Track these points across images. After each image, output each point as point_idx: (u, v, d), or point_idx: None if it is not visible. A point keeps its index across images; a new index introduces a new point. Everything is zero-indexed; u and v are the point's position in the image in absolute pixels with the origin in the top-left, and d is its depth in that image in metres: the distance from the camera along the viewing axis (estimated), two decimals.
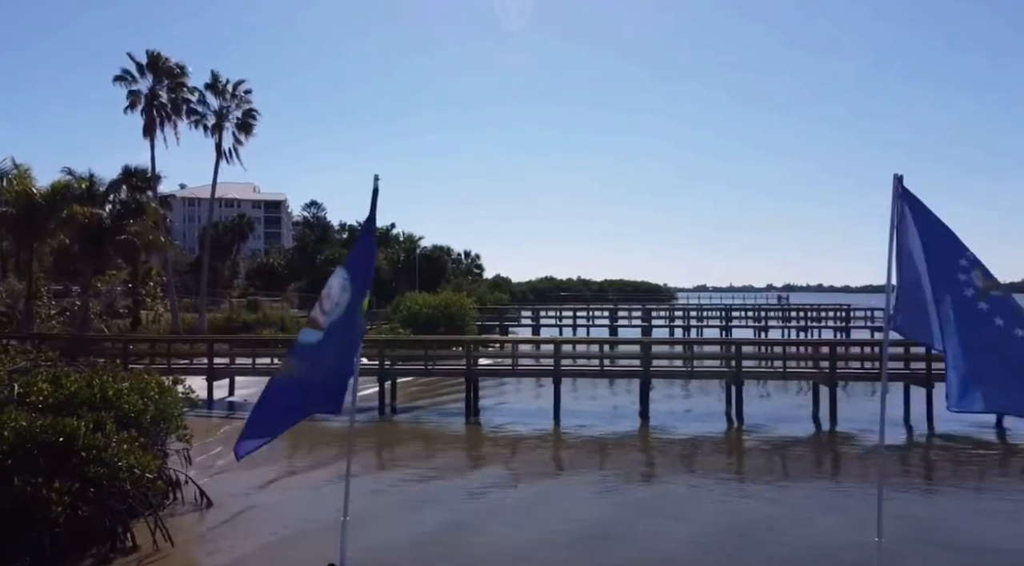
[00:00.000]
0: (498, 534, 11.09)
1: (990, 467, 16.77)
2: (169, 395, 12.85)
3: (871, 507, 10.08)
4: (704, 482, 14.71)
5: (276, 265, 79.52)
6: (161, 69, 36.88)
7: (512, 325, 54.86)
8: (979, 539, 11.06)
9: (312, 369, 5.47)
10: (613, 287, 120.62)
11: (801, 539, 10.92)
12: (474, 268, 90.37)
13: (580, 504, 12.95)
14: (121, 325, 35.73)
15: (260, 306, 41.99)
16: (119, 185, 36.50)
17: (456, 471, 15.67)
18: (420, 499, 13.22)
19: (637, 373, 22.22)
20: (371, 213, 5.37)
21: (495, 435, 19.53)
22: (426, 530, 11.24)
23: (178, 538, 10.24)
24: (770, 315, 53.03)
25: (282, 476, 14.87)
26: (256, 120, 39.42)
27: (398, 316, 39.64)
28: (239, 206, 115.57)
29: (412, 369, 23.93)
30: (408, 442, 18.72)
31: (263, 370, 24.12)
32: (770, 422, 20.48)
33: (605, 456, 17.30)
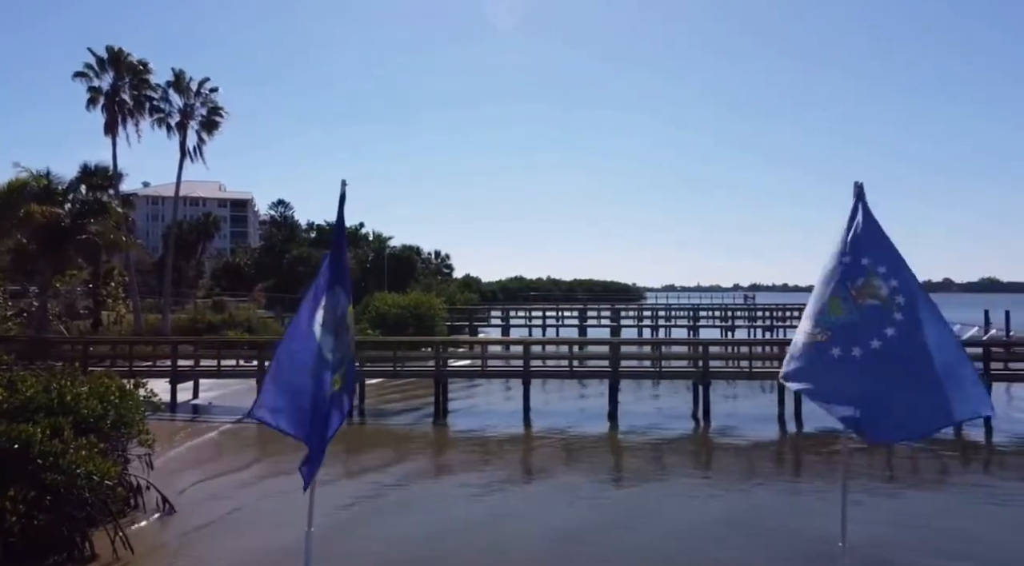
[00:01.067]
0: (465, 540, 11.03)
1: (954, 466, 17.14)
2: (130, 399, 12.55)
3: (834, 507, 10.24)
4: (670, 483, 14.83)
5: (243, 265, 78.35)
6: (123, 65, 36.03)
7: (482, 325, 54.77)
8: (945, 538, 11.22)
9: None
10: (582, 287, 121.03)
11: (765, 538, 11.05)
12: (444, 268, 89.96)
13: (548, 507, 12.95)
14: (81, 326, 34.91)
15: (226, 307, 41.31)
16: (79, 183, 35.70)
17: (423, 476, 15.58)
18: (386, 505, 13.09)
19: (606, 374, 22.33)
20: (339, 221, 5.23)
21: (464, 438, 19.46)
22: (392, 537, 11.13)
23: (139, 546, 10.02)
24: (737, 315, 53.75)
25: (249, 480, 14.66)
26: (222, 118, 38.81)
27: (367, 317, 39.34)
28: (204, 205, 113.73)
29: (380, 371, 23.73)
30: (375, 446, 18.55)
31: (228, 372, 23.80)
32: (737, 422, 20.71)
33: (573, 458, 17.31)
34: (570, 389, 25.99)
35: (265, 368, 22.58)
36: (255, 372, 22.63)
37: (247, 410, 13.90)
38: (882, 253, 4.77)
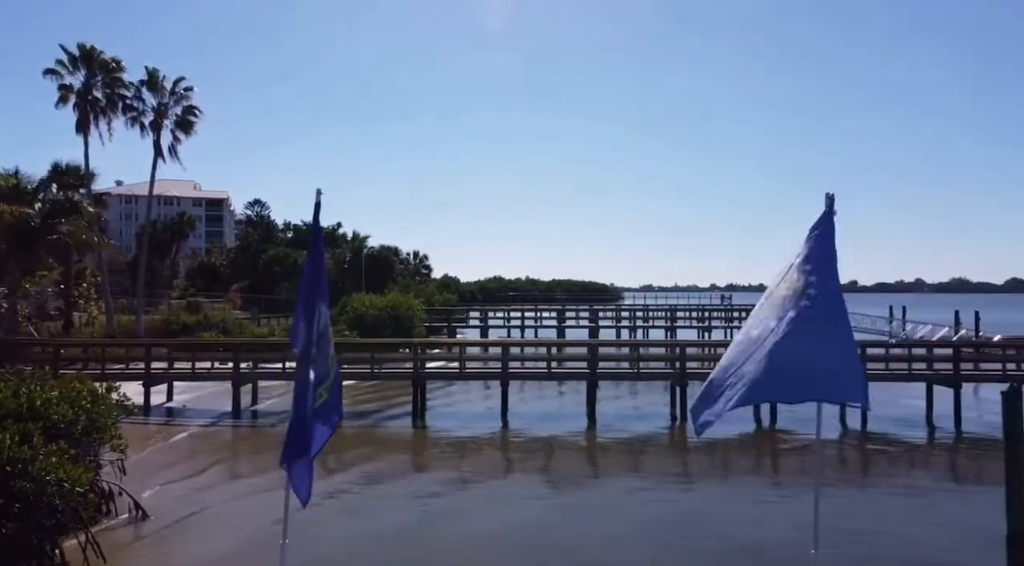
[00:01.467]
0: (441, 541, 11.00)
1: (919, 465, 17.41)
2: (102, 403, 12.36)
3: (805, 505, 10.34)
4: (645, 483, 14.90)
5: (218, 265, 77.46)
6: (95, 63, 35.38)
7: (460, 326, 54.63)
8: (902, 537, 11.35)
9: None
10: (561, 287, 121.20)
11: (736, 537, 11.14)
12: (422, 269, 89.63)
13: (523, 507, 12.96)
14: (52, 328, 34.27)
15: (201, 307, 40.77)
16: (50, 183, 35.00)
17: (400, 478, 15.51)
18: (361, 509, 13.01)
19: (584, 375, 22.38)
20: (315, 229, 5.16)
21: (442, 439, 19.40)
22: (367, 541, 11.06)
23: (111, 553, 9.86)
24: (713, 315, 54.17)
25: (221, 483, 14.50)
26: (197, 118, 38.24)
27: (344, 318, 39.08)
28: (179, 204, 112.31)
29: (357, 372, 23.59)
30: (352, 448, 18.42)
31: (203, 375, 23.51)
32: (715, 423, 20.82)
33: (551, 459, 17.34)
34: (550, 390, 26.04)
35: (240, 370, 22.45)
36: (230, 374, 22.39)
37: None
38: (820, 263, 4.86)
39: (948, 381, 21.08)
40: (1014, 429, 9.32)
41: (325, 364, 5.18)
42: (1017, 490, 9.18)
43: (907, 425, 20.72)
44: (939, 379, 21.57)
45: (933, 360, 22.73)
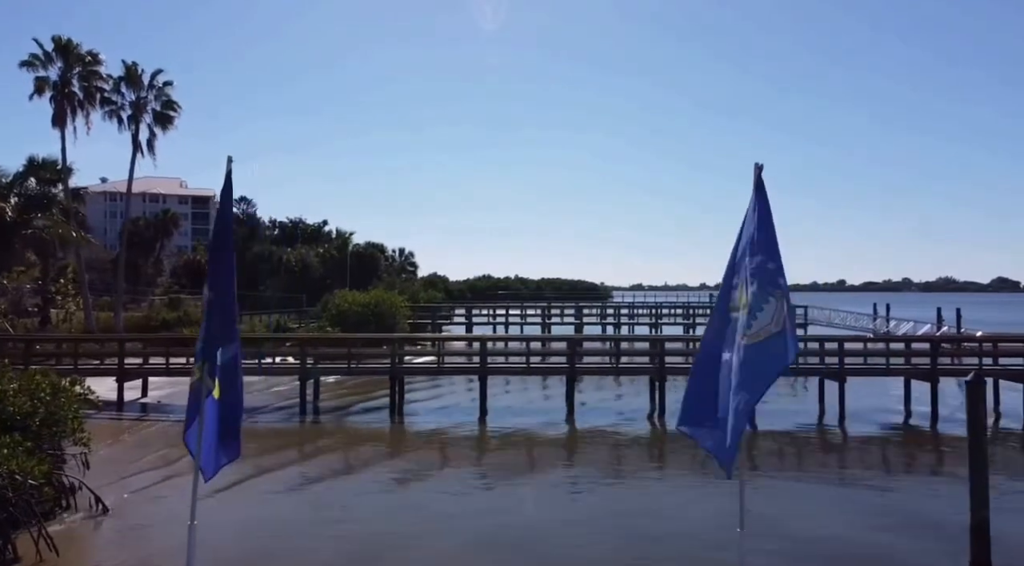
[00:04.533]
0: (399, 539, 10.85)
1: (890, 458, 17.39)
2: (63, 396, 12.16)
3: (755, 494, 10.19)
4: (625, 479, 14.82)
5: (204, 262, 76.81)
6: (72, 55, 34.93)
7: (445, 323, 54.48)
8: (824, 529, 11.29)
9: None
10: (550, 286, 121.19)
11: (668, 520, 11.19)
12: (407, 266, 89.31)
13: (500, 504, 12.86)
14: (29, 325, 33.83)
15: (181, 304, 40.36)
16: (25, 177, 34.48)
17: (371, 473, 15.32)
18: (325, 503, 12.83)
19: (563, 370, 22.29)
20: (225, 199, 5.00)
21: (418, 435, 19.26)
22: (329, 540, 10.89)
23: (66, 548, 9.65)
24: (698, 313, 54.29)
25: (187, 479, 14.23)
26: (176, 113, 37.82)
27: (327, 314, 38.80)
28: (165, 201, 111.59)
29: (335, 368, 23.40)
30: (324, 444, 18.28)
31: (177, 370, 23.20)
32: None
33: (530, 454, 17.23)
34: (533, 385, 25.94)
35: None
36: None
37: None
38: (765, 251, 4.87)
39: (925, 375, 21.10)
40: (976, 417, 9.28)
41: (204, 343, 5.05)
42: (979, 479, 9.14)
43: (885, 417, 20.79)
44: (917, 374, 21.62)
45: (911, 355, 22.79)
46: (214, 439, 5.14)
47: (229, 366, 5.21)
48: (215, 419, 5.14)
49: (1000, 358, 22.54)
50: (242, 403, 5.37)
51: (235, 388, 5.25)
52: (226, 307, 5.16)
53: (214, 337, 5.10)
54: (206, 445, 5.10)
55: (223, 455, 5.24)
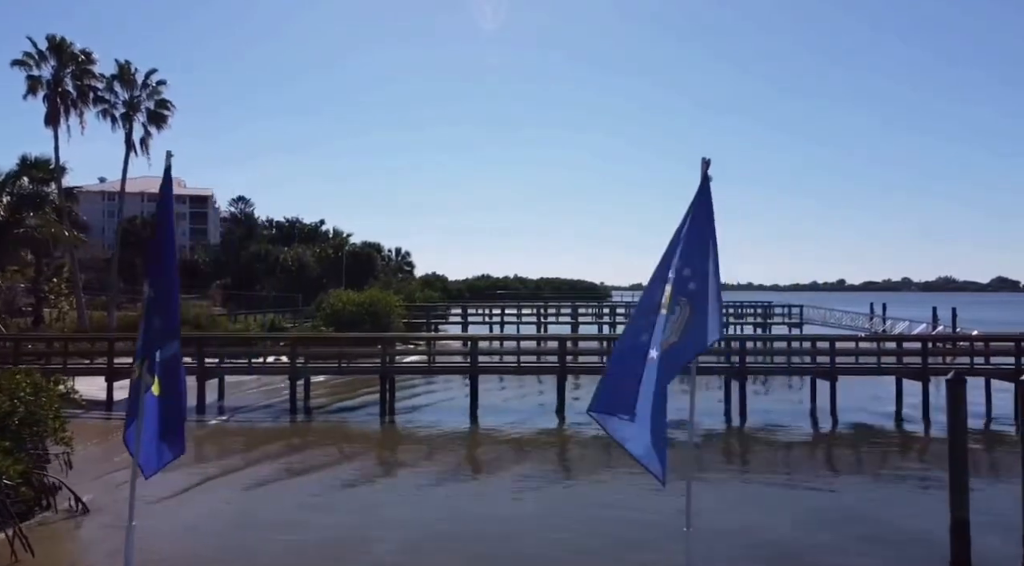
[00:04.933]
0: (375, 542, 10.81)
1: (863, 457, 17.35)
2: (44, 396, 12.11)
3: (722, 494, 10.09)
4: (612, 479, 14.77)
5: (201, 262, 76.76)
6: (65, 54, 34.86)
7: (441, 322, 54.45)
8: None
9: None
10: (549, 286, 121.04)
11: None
12: (404, 266, 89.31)
13: (486, 504, 12.83)
14: (21, 324, 33.77)
15: None
16: (18, 176, 34.41)
17: (351, 474, 15.30)
18: (305, 505, 12.78)
19: (554, 369, 22.24)
20: (164, 196, 4.94)
21: (409, 435, 19.26)
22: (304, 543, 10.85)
23: (42, 548, 9.60)
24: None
25: (171, 481, 14.09)
26: (170, 112, 37.76)
27: (321, 314, 38.75)
28: None
29: (326, 367, 23.36)
30: (318, 443, 18.25)
31: None
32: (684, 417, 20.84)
33: (521, 454, 17.18)
34: (530, 384, 25.89)
35: (205, 364, 22.16)
36: (195, 368, 22.06)
37: None
38: (696, 249, 4.87)
39: (916, 375, 21.06)
40: (957, 416, 9.24)
41: (144, 340, 5.01)
42: (959, 477, 9.09)
43: (877, 417, 20.75)
44: (908, 373, 21.57)
45: (902, 354, 22.75)
46: (155, 436, 5.12)
47: (170, 363, 5.16)
48: (156, 416, 5.11)
49: (992, 357, 22.46)
50: (184, 400, 5.34)
51: (176, 385, 5.21)
52: (167, 304, 5.11)
53: (154, 334, 5.05)
54: (146, 443, 5.08)
55: (167, 452, 5.22)
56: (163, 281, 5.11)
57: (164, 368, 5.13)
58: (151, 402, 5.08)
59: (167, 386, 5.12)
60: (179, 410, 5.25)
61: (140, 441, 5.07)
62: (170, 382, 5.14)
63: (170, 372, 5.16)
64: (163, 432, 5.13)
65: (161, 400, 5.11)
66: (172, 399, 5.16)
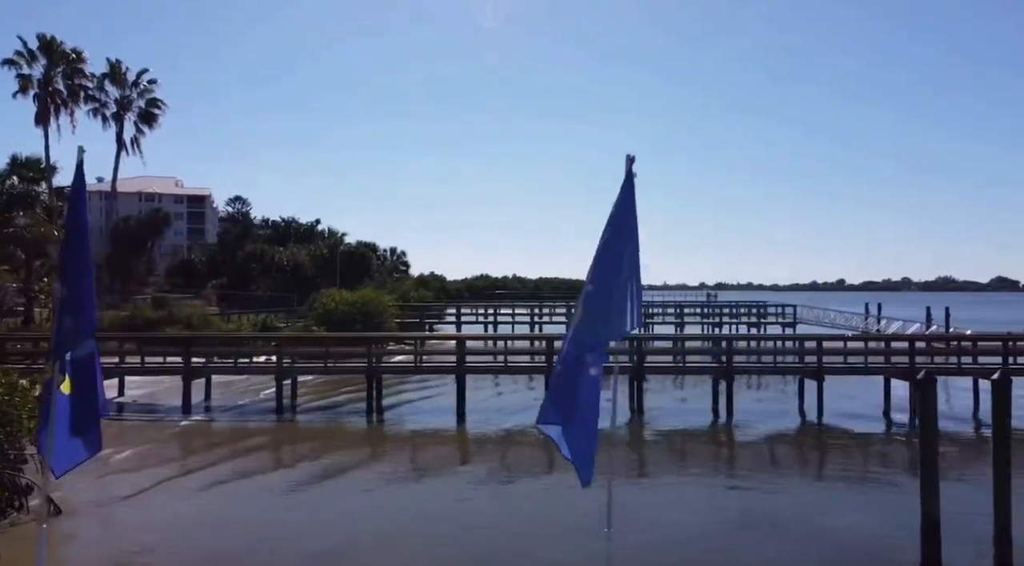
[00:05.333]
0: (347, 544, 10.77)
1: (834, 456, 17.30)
2: (18, 395, 12.04)
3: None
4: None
5: (197, 261, 76.71)
6: (55, 54, 34.85)
7: (436, 322, 54.42)
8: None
9: None
10: (548, 285, 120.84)
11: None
12: (400, 265, 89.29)
13: (459, 502, 12.78)
14: (11, 324, 33.71)
15: (167, 303, 40.28)
16: (9, 175, 34.33)
17: (351, 470, 15.26)
18: (285, 505, 12.74)
19: (541, 369, 22.18)
20: (76, 192, 4.88)
21: (395, 434, 19.27)
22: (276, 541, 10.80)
23: (9, 550, 9.55)
24: (686, 312, 54.33)
25: (146, 482, 14.06)
26: (161, 111, 37.78)
27: (313, 314, 38.70)
28: (160, 201, 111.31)
29: (312, 367, 23.31)
30: (293, 444, 18.24)
31: (153, 369, 23.11)
32: (664, 415, 20.86)
33: (505, 452, 17.18)
34: (520, 384, 25.85)
35: (192, 364, 22.12)
36: (181, 368, 22.03)
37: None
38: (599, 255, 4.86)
39: (904, 374, 21.01)
40: (927, 416, 9.19)
41: (56, 340, 4.95)
42: (930, 477, 9.04)
43: (862, 418, 20.70)
44: (896, 372, 21.54)
45: (891, 354, 22.71)
46: (66, 436, 5.06)
47: (84, 362, 5.11)
48: (67, 416, 5.06)
49: (980, 357, 22.42)
50: (100, 398, 5.27)
51: (90, 384, 5.15)
52: (80, 302, 5.03)
53: (66, 334, 4.99)
54: (57, 442, 5.02)
55: (80, 451, 5.17)
56: (76, 279, 5.04)
57: (77, 367, 5.08)
58: (62, 401, 5.03)
59: (80, 385, 5.07)
60: (93, 409, 5.19)
61: (51, 440, 5.01)
62: (83, 381, 5.09)
63: (83, 371, 5.10)
64: (75, 431, 5.08)
65: (73, 399, 5.06)
66: (85, 399, 5.10)
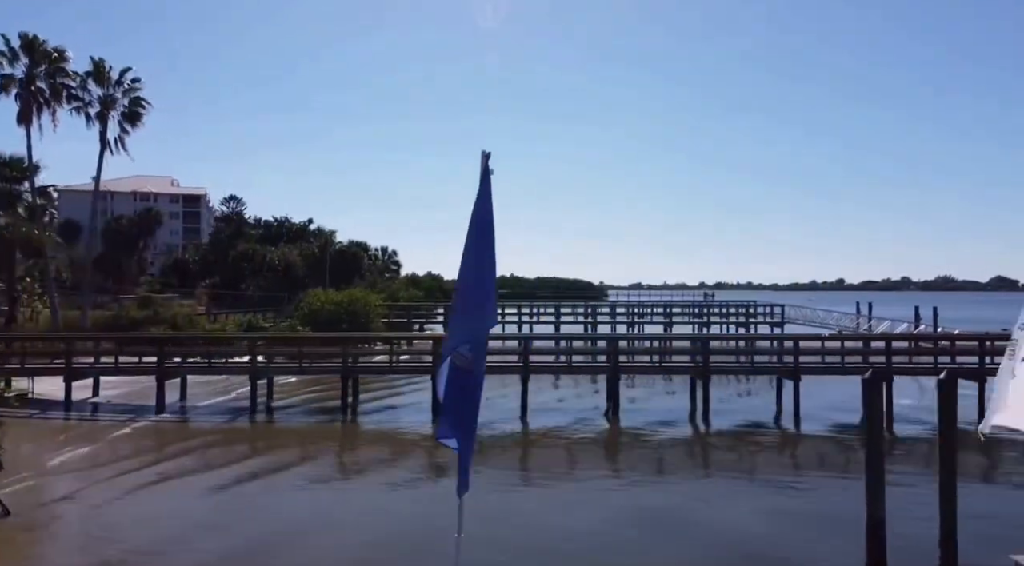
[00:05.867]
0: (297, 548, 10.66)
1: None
2: None
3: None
4: (565, 482, 14.62)
5: (190, 261, 76.55)
6: (38, 52, 34.68)
7: (427, 322, 54.30)
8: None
9: None
10: (546, 285, 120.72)
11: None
12: (391, 264, 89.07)
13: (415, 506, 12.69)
14: None
15: (152, 303, 40.12)
16: None
17: (267, 469, 15.15)
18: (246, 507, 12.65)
19: (516, 368, 22.08)
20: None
21: (367, 434, 19.15)
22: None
23: None
24: (675, 312, 54.27)
25: (103, 480, 13.94)
26: (145, 110, 37.54)
27: (299, 313, 38.58)
28: (156, 200, 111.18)
29: (287, 367, 23.21)
30: (248, 443, 18.21)
31: (129, 369, 22.97)
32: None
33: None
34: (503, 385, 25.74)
35: (164, 364, 22.00)
36: (154, 368, 21.91)
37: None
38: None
39: (880, 373, 20.86)
40: (874, 415, 9.10)
41: None
42: (875, 476, 8.94)
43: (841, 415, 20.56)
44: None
45: (868, 353, 22.59)
46: None
47: None
48: None
49: (958, 356, 22.31)
50: None
51: None
52: None
53: None
54: None
55: None
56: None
57: None
58: None
59: None
60: None
61: None
62: None
63: None
64: None
65: None
66: None
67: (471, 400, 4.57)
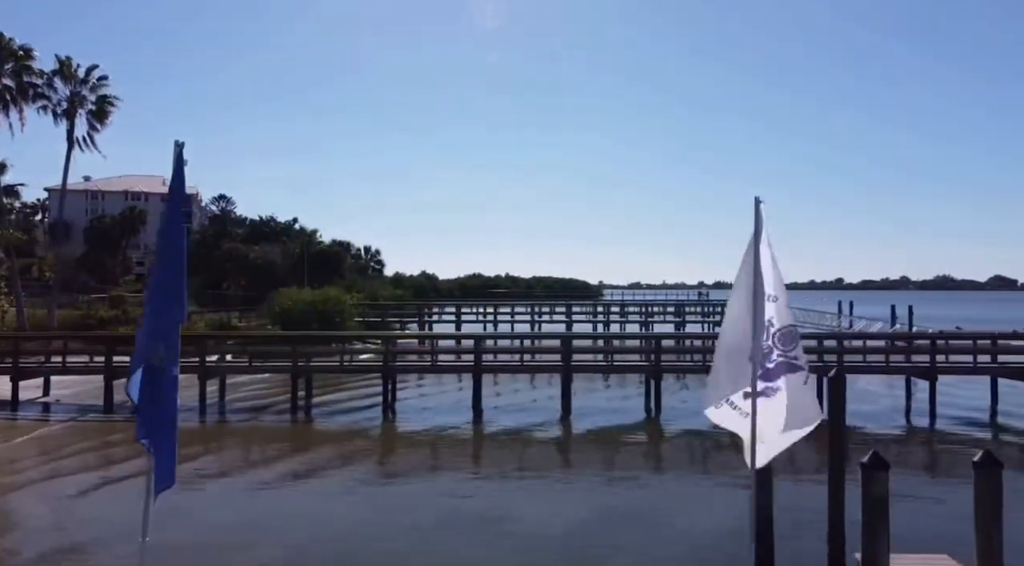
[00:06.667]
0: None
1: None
2: None
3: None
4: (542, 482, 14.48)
5: None
6: (4, 50, 34.47)
7: (411, 321, 54.13)
8: None
9: None
10: (541, 284, 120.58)
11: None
12: (374, 264, 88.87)
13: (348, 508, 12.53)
14: None
15: (123, 302, 39.90)
16: None
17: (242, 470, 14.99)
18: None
19: (468, 367, 21.92)
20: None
21: (322, 434, 19.01)
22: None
23: None
24: (664, 310, 54.14)
25: (44, 481, 13.78)
26: (114, 107, 37.36)
27: (270, 313, 38.41)
28: (147, 199, 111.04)
29: (237, 366, 23.05)
30: (228, 444, 18.02)
31: (77, 368, 22.77)
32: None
33: (436, 454, 16.99)
34: (451, 383, 25.59)
35: (112, 364, 21.77)
36: (102, 368, 21.72)
37: None
38: None
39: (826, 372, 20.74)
40: (836, 414, 9.03)
41: None
42: (837, 476, 8.82)
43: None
44: (824, 371, 21.23)
45: (823, 352, 22.43)
46: None
47: None
48: None
49: (913, 355, 22.17)
50: None
51: None
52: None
53: None
54: None
55: None
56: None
57: None
58: None
59: None
60: None
61: None
62: None
63: None
64: None
65: None
66: None
67: (168, 399, 4.51)
